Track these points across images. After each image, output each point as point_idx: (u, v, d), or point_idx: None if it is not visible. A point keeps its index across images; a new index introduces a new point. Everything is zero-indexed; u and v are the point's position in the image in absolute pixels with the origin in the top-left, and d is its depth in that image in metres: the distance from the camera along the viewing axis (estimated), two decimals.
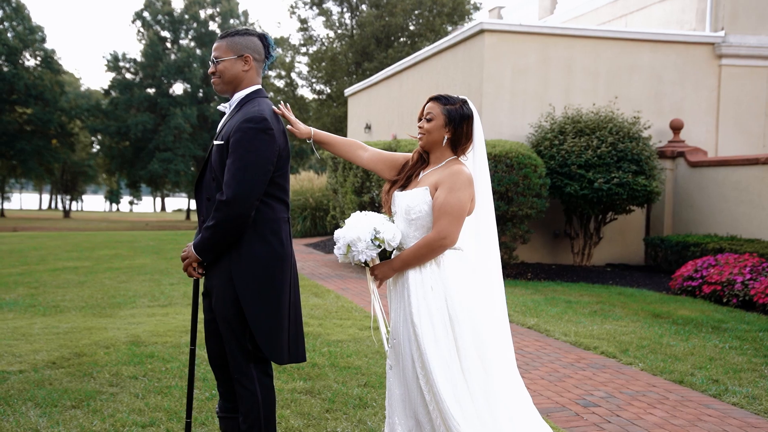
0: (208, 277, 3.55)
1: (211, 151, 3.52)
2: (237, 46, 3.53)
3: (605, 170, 11.43)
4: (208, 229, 3.37)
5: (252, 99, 3.54)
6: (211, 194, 3.48)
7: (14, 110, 49.70)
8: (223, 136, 3.46)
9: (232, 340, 3.47)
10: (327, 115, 32.34)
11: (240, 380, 3.49)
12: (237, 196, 3.30)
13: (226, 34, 3.58)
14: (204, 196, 3.54)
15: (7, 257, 14.49)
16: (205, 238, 3.39)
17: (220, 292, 3.44)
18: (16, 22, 49.53)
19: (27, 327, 7.23)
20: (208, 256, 3.44)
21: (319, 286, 10.36)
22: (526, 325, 7.84)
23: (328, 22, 33.83)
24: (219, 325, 3.51)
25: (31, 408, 4.65)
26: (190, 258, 3.49)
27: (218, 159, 3.45)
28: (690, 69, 13.56)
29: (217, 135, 3.55)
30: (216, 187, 3.46)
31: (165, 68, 52.37)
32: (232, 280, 3.41)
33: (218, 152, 3.46)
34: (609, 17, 18.07)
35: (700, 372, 5.98)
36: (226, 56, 3.53)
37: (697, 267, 10.08)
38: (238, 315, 3.43)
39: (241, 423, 3.53)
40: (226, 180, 3.34)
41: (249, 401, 3.49)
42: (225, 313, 3.44)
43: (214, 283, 3.49)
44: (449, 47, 14.30)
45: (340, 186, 14.17)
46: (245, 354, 3.47)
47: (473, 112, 3.59)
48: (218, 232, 3.35)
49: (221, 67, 3.53)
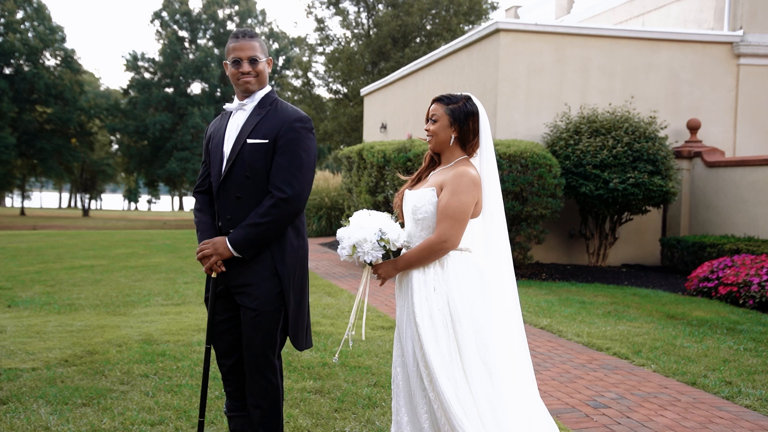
0: (238, 274, 3.53)
1: (244, 149, 3.50)
2: (265, 48, 3.65)
3: (621, 170, 11.35)
4: (258, 226, 3.43)
5: (274, 98, 3.63)
6: (243, 192, 3.51)
7: (34, 109, 50.17)
8: (264, 135, 3.49)
9: (263, 334, 3.52)
10: (343, 115, 32.35)
11: (265, 374, 3.55)
12: (297, 194, 3.45)
13: (251, 34, 3.60)
14: (233, 195, 3.53)
15: (25, 255, 14.62)
16: (255, 234, 3.44)
17: (264, 287, 3.50)
18: (36, 22, 49.97)
19: (41, 325, 7.29)
20: (250, 252, 3.48)
21: (332, 285, 10.37)
22: (538, 325, 7.81)
23: (345, 22, 33.85)
24: (249, 321, 3.51)
25: (42, 405, 4.69)
26: (219, 254, 3.49)
27: (260, 157, 3.49)
28: (708, 68, 13.45)
29: (246, 133, 3.52)
30: (252, 185, 3.49)
31: (183, 68, 52.68)
32: (277, 275, 3.52)
33: (259, 151, 3.48)
34: (626, 16, 17.96)
35: (713, 374, 5.93)
36: (262, 57, 3.60)
37: (713, 268, 9.99)
38: (278, 308, 3.54)
39: (259, 416, 3.56)
40: (283, 178, 3.45)
41: (273, 394, 3.58)
42: (266, 307, 3.51)
43: (251, 279, 3.50)
44: (465, 47, 14.27)
45: (354, 185, 14.18)
46: (274, 347, 3.56)
47: (478, 108, 3.57)
48: (272, 229, 3.45)
49: (260, 68, 3.59)
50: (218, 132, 3.67)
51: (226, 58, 3.63)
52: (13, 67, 48.58)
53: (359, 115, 30.30)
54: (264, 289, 3.51)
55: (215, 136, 3.68)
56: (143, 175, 59.10)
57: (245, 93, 3.60)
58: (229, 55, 3.60)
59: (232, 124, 3.63)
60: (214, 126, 3.76)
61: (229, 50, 3.60)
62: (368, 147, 13.48)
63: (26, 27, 49.56)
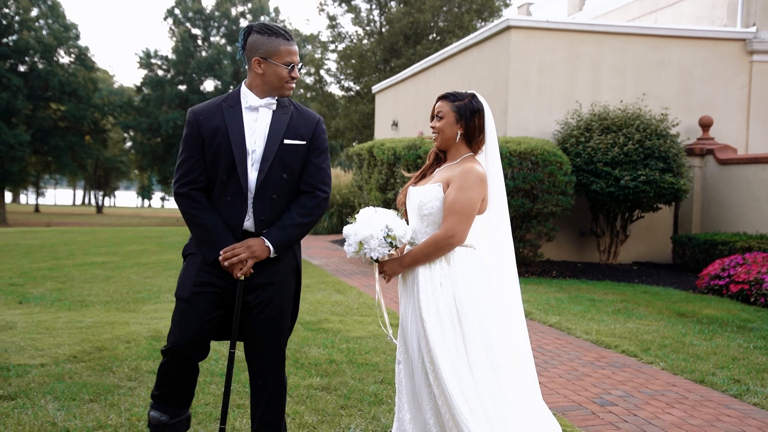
0: (259, 273, 3.48)
1: (282, 149, 3.46)
2: None
3: (632, 168, 11.30)
4: (301, 226, 3.48)
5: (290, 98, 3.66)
6: (278, 193, 3.48)
7: (48, 107, 50.45)
8: (301, 136, 3.50)
9: (283, 331, 3.55)
10: (355, 112, 32.35)
11: (279, 374, 3.58)
12: (329, 193, 3.58)
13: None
14: (268, 195, 3.46)
15: (38, 252, 14.72)
16: (296, 235, 3.49)
17: (283, 285, 3.53)
18: (51, 20, 50.25)
19: (51, 321, 7.34)
20: (284, 251, 3.53)
21: (342, 282, 10.38)
22: (547, 323, 7.79)
23: (357, 19, 33.84)
24: (272, 319, 3.49)
25: (50, 401, 4.72)
26: (255, 257, 3.41)
27: (297, 158, 3.50)
28: (720, 65, 13.36)
29: (281, 133, 3.47)
30: (287, 185, 3.49)
31: (196, 65, 52.85)
32: (297, 272, 3.61)
33: (296, 151, 3.49)
34: (638, 13, 17.87)
35: (721, 372, 5.89)
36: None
37: (724, 266, 9.93)
38: (292, 305, 3.61)
39: (275, 415, 3.56)
40: (321, 179, 3.54)
41: (282, 393, 3.61)
42: (283, 305, 3.53)
43: (274, 278, 3.50)
44: (476, 44, 14.24)
45: (365, 183, 14.19)
46: (284, 346, 3.61)
47: (483, 105, 3.58)
48: (309, 228, 3.53)
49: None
50: (234, 127, 3.45)
51: (269, 56, 3.45)
52: (27, 65, 48.88)
53: (371, 113, 30.30)
54: (286, 286, 3.54)
55: (223, 130, 3.44)
56: (156, 172, 59.34)
57: (280, 95, 3.53)
58: (281, 55, 3.45)
59: (257, 121, 3.50)
60: (215, 119, 3.48)
61: (282, 51, 3.45)
62: (378, 144, 13.48)
63: (40, 25, 49.83)
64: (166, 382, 3.53)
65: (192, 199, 3.47)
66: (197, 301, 3.45)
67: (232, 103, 3.52)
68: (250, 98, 3.50)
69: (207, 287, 3.47)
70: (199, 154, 3.47)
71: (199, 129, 3.46)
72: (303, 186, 3.52)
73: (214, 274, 3.47)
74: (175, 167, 3.50)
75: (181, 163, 3.48)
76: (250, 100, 3.50)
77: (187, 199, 3.47)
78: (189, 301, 3.46)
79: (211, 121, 3.47)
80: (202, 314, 3.46)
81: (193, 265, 3.51)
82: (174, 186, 3.50)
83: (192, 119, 3.49)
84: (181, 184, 3.47)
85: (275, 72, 3.46)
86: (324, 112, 33.91)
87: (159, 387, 3.55)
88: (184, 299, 3.48)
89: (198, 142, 3.46)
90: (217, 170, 3.45)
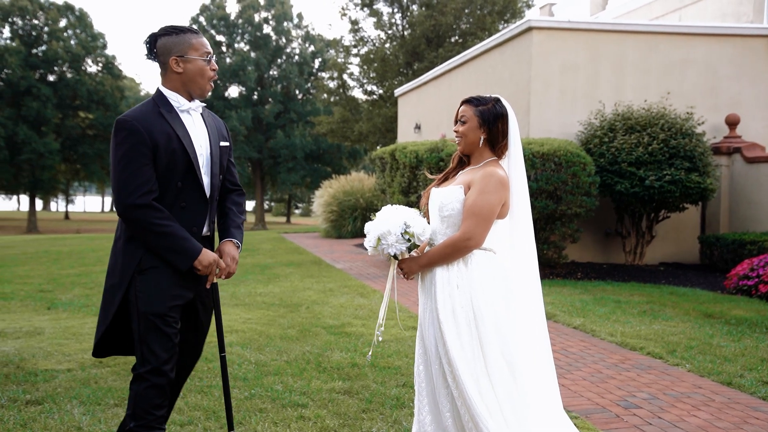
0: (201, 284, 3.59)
1: (222, 152, 3.60)
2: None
3: (657, 167, 11.20)
4: (242, 224, 3.71)
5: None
6: (219, 195, 3.67)
7: (77, 115, 51.20)
8: (225, 137, 3.65)
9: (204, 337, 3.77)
10: (378, 116, 32.35)
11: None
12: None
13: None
14: (215, 198, 3.60)
15: (67, 258, 14.91)
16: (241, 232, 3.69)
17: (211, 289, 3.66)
18: (79, 30, 50.97)
19: (78, 326, 7.42)
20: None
21: (365, 286, 10.39)
22: (571, 325, 7.73)
23: (379, 23, 33.84)
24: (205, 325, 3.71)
25: (76, 406, 4.77)
26: (236, 260, 3.61)
27: (225, 159, 3.66)
28: (747, 62, 13.19)
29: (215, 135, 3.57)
30: (220, 186, 3.67)
31: (220, 72, 53.23)
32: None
33: (226, 152, 3.66)
34: (662, 11, 17.71)
35: (750, 373, 5.81)
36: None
37: (753, 266, 9.80)
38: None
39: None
40: (236, 175, 3.75)
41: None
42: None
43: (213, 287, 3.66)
44: (497, 45, 14.20)
45: (387, 186, 14.20)
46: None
47: (507, 109, 3.56)
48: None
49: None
50: (182, 131, 3.37)
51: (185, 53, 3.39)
52: (56, 74, 49.68)
53: (394, 116, 30.29)
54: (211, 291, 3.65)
55: (174, 135, 3.34)
56: None
57: (202, 94, 3.49)
58: (196, 48, 3.40)
59: (195, 125, 3.47)
60: (160, 125, 3.33)
61: (195, 44, 3.40)
62: (401, 147, 13.48)
63: (69, 35, 50.58)
64: (148, 408, 3.33)
65: (155, 209, 3.29)
66: (172, 316, 3.37)
67: (167, 108, 3.39)
68: (181, 101, 3.43)
69: (177, 300, 3.40)
70: (150, 162, 3.29)
71: (150, 136, 3.27)
72: (228, 185, 3.72)
73: (183, 286, 3.41)
74: (120, 180, 3.26)
75: (133, 174, 3.25)
76: (182, 104, 3.43)
77: (150, 210, 3.28)
78: (164, 317, 3.34)
79: (158, 127, 3.31)
80: (176, 329, 3.40)
81: (164, 278, 3.36)
82: (129, 198, 3.25)
83: (135, 127, 3.27)
84: (141, 195, 3.25)
85: (196, 66, 3.41)
86: (347, 116, 33.96)
87: (140, 416, 3.33)
88: (159, 315, 3.32)
89: (148, 149, 3.27)
90: (171, 177, 3.35)
